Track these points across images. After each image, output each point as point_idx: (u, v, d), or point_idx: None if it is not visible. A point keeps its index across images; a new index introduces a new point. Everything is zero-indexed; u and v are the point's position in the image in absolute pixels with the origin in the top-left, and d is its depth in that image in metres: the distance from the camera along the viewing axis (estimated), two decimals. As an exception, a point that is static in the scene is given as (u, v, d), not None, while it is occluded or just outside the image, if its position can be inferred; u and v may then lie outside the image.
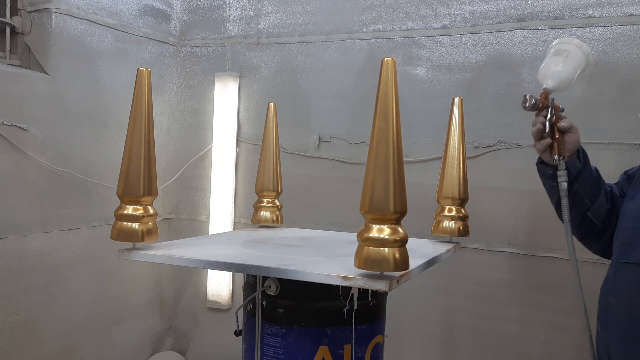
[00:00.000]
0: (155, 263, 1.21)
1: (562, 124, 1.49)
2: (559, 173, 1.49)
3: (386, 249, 0.95)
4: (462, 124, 1.68)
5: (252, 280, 1.27)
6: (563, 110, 1.52)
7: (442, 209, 1.65)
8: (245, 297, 1.32)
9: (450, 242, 1.66)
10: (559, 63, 1.50)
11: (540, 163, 1.57)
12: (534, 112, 1.51)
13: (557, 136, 1.49)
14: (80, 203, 2.43)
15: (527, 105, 1.48)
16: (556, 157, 1.49)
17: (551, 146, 1.50)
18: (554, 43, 1.57)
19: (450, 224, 1.60)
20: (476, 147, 2.36)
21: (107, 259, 2.49)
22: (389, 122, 0.96)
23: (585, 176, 1.51)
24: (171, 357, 2.95)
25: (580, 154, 1.53)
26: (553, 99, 1.50)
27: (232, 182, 2.84)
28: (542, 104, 1.48)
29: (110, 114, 2.55)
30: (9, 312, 2.15)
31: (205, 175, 2.92)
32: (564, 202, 1.49)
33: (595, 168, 1.57)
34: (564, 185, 1.48)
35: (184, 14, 2.98)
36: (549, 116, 1.48)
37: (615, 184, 1.62)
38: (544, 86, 1.51)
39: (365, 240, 0.97)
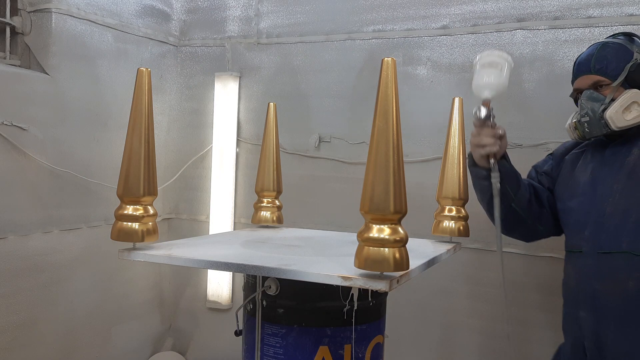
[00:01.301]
0: (155, 263, 1.21)
1: (500, 131, 1.63)
2: (493, 175, 1.63)
3: (386, 249, 0.95)
4: (462, 124, 1.68)
5: (252, 280, 1.27)
6: (494, 117, 1.66)
7: (442, 209, 1.64)
8: (245, 297, 1.32)
9: (450, 242, 1.66)
10: (495, 75, 1.61)
11: (473, 166, 1.70)
12: (479, 123, 1.65)
13: None
14: (80, 203, 2.43)
15: (484, 114, 1.62)
16: (492, 160, 1.63)
17: None
18: (483, 55, 1.66)
19: (451, 224, 1.60)
20: (476, 147, 2.36)
21: (107, 259, 2.49)
22: (389, 122, 0.96)
23: (509, 172, 1.68)
24: (171, 357, 2.95)
25: (506, 154, 1.70)
26: (492, 108, 1.63)
27: (232, 182, 2.84)
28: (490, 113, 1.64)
29: (110, 114, 2.55)
30: (9, 312, 2.15)
31: (205, 175, 2.92)
32: (497, 201, 1.63)
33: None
34: (497, 185, 1.63)
35: (184, 14, 2.98)
36: (493, 122, 1.64)
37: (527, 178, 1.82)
38: (484, 96, 1.62)
39: (365, 241, 0.97)
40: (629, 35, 1.65)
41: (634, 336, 1.50)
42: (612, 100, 1.55)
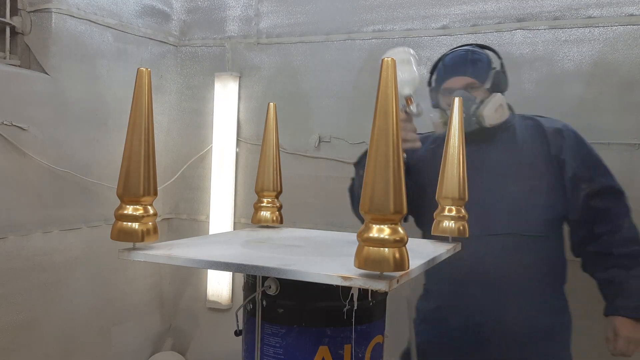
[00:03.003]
0: (155, 263, 1.21)
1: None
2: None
3: (386, 249, 0.95)
4: (462, 123, 1.68)
5: (252, 280, 1.27)
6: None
7: (442, 209, 1.64)
8: (245, 297, 1.32)
9: (450, 242, 1.65)
10: (409, 71, 1.68)
11: None
12: (408, 118, 1.73)
13: None
14: (80, 203, 2.43)
15: (418, 110, 1.69)
16: (404, 155, 1.72)
17: None
18: (392, 54, 1.71)
19: (450, 224, 1.59)
20: (476, 147, 2.36)
21: (107, 259, 2.49)
22: (389, 122, 0.95)
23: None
24: (171, 357, 2.95)
25: None
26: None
27: (232, 182, 2.84)
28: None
29: (110, 114, 2.55)
30: (9, 312, 2.15)
31: (205, 175, 2.92)
32: None
33: None
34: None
35: (184, 14, 2.98)
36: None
37: None
38: (405, 93, 1.70)
39: (365, 241, 0.96)
40: (480, 46, 1.88)
41: (513, 304, 1.71)
42: (481, 101, 1.75)
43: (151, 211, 1.21)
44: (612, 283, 1.68)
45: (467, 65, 1.81)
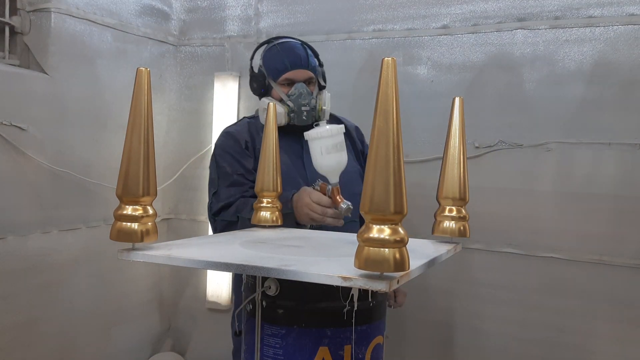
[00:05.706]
0: (154, 263, 1.20)
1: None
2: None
3: (386, 250, 0.94)
4: (462, 124, 1.67)
5: (252, 281, 1.26)
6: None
7: (443, 209, 1.63)
8: (244, 298, 1.31)
9: (450, 242, 1.65)
10: (341, 158, 1.63)
11: (297, 225, 1.74)
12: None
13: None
14: (80, 203, 2.43)
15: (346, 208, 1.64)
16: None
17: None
18: (324, 135, 1.63)
19: (451, 225, 1.59)
20: (477, 147, 2.36)
21: (106, 259, 2.49)
22: (389, 122, 0.95)
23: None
24: (170, 358, 2.94)
25: None
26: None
27: (232, 182, 2.83)
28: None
29: (109, 114, 2.54)
30: (9, 312, 2.14)
31: (204, 175, 2.90)
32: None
33: None
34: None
35: (183, 14, 2.98)
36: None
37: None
38: (333, 182, 1.65)
39: (365, 241, 0.96)
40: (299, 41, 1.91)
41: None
42: (316, 97, 1.85)
43: (150, 211, 1.21)
44: None
45: (308, 59, 1.85)
